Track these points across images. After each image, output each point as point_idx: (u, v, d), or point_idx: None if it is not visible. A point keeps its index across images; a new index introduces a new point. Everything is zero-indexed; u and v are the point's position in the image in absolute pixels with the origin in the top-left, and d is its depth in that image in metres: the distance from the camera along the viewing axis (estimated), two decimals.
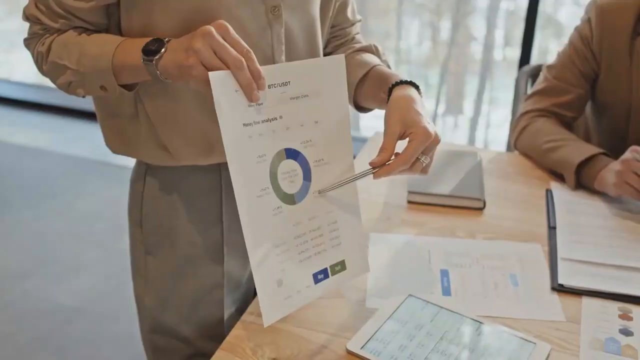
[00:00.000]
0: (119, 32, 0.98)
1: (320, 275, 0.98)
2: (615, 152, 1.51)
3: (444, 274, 1.20)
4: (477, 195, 1.44)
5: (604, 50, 1.62)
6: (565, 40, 1.73)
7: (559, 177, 1.58)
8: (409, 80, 1.02)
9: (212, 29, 0.83)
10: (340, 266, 1.01)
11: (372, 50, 1.19)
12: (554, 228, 1.35)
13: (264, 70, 0.85)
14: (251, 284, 1.19)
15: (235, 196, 0.86)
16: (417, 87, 1.03)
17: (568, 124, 1.69)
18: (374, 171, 0.93)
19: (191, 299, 1.12)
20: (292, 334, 1.03)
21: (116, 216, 2.98)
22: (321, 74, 0.93)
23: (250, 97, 0.84)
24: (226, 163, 1.02)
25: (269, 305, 0.92)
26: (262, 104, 0.87)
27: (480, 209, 1.43)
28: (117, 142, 1.06)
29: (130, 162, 1.13)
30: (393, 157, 0.92)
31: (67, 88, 0.99)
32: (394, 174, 0.93)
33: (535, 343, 1.02)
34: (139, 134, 1.02)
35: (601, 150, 1.51)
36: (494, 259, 1.25)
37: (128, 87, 0.97)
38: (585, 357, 1.02)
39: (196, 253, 1.09)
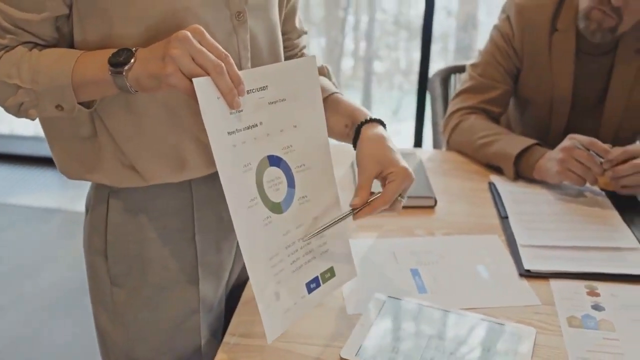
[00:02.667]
0: (70, 47, 0.91)
1: (313, 284, 0.95)
2: None
3: (415, 272, 1.20)
4: (428, 193, 1.45)
5: (525, 46, 1.69)
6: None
7: (496, 170, 1.62)
8: (375, 117, 1.03)
9: (189, 34, 0.79)
10: (330, 273, 0.98)
11: (324, 72, 1.17)
12: (506, 218, 1.39)
13: (241, 75, 0.82)
14: (223, 306, 1.13)
15: (229, 209, 0.82)
16: (383, 124, 1.03)
17: (496, 119, 1.76)
18: (355, 212, 0.93)
19: (166, 330, 1.04)
20: (281, 350, 0.99)
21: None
22: (295, 76, 0.91)
23: (232, 104, 0.81)
24: (197, 179, 0.98)
25: (271, 321, 0.88)
26: (242, 110, 0.84)
27: (432, 207, 1.45)
28: (74, 167, 0.98)
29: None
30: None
31: (18, 110, 0.90)
32: (375, 213, 0.93)
33: (518, 328, 1.04)
34: (101, 154, 0.95)
35: (535, 141, 1.57)
36: (458, 253, 1.27)
37: (85, 105, 0.90)
38: (568, 336, 1.04)
39: (170, 278, 1.02)
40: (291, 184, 0.91)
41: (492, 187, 1.53)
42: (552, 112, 1.73)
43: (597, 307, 1.12)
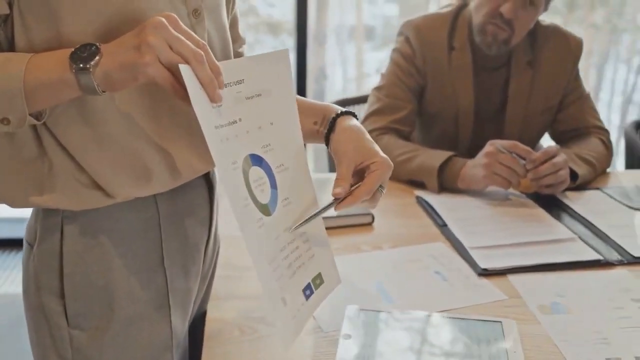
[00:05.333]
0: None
1: (308, 291, 0.89)
2: None
3: (378, 284, 1.16)
4: (364, 211, 1.43)
5: (427, 64, 1.74)
6: None
7: (418, 185, 1.63)
8: (348, 110, 0.99)
9: (164, 20, 0.71)
10: (319, 279, 0.92)
11: None
12: (445, 226, 1.39)
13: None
14: (187, 342, 1.01)
15: (230, 206, 0.75)
16: (355, 116, 1.00)
17: (406, 138, 1.78)
18: (338, 203, 0.88)
19: None
20: None
21: None
22: (269, 70, 0.85)
23: (213, 97, 0.74)
24: (162, 194, 0.89)
25: (284, 327, 0.82)
26: (221, 105, 0.77)
27: (370, 224, 1.42)
28: (18, 193, 0.84)
29: None
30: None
31: None
32: (357, 203, 0.89)
33: (501, 322, 1.02)
34: (52, 175, 0.82)
35: (453, 153, 1.60)
36: (411, 262, 1.25)
37: (34, 117, 0.78)
38: (545, 322, 1.05)
39: (139, 311, 0.89)
40: (273, 184, 0.84)
41: (421, 200, 1.53)
42: (458, 126, 1.78)
43: (560, 294, 1.14)
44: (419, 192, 1.59)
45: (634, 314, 1.08)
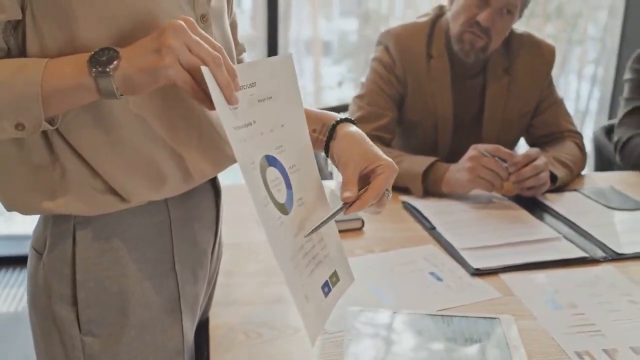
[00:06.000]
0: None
1: (326, 288, 0.90)
2: None
3: (374, 286, 1.18)
4: (354, 216, 1.45)
5: (407, 72, 1.78)
6: None
7: (401, 191, 1.66)
8: (347, 117, 1.00)
9: (183, 24, 0.73)
10: (335, 277, 0.94)
11: None
12: (434, 229, 1.42)
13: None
14: (194, 349, 1.02)
15: (254, 206, 0.77)
16: (355, 123, 1.01)
17: (388, 145, 1.81)
18: (348, 207, 0.89)
19: None
20: None
21: None
22: (277, 74, 0.87)
23: (230, 99, 0.75)
24: (173, 198, 0.89)
25: (310, 322, 0.84)
26: (237, 107, 0.78)
27: (360, 228, 1.44)
28: (31, 199, 0.83)
29: None
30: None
31: None
32: (365, 207, 0.90)
33: (499, 318, 1.05)
34: (65, 181, 0.82)
35: (436, 158, 1.64)
36: (405, 265, 1.27)
37: (48, 122, 0.78)
38: (541, 317, 1.09)
39: (152, 316, 0.89)
40: (288, 185, 0.86)
41: (408, 205, 1.56)
42: (438, 132, 1.82)
43: (552, 290, 1.17)
44: (405, 198, 1.62)
45: (623, 307, 1.12)
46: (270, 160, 0.83)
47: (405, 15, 3.24)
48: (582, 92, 3.62)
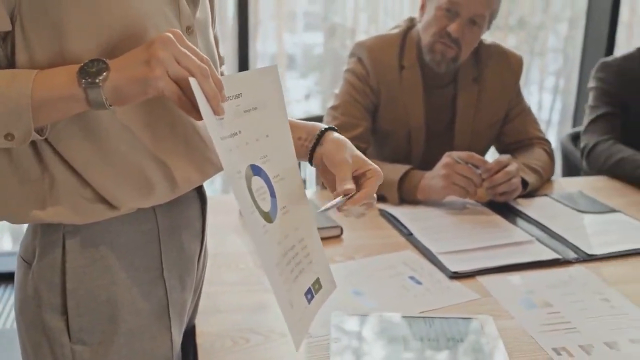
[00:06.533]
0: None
1: (309, 295, 0.92)
2: None
3: (356, 291, 1.20)
4: (333, 223, 1.47)
5: (381, 83, 1.82)
6: None
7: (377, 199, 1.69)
8: (331, 126, 1.03)
9: (171, 36, 0.75)
10: (318, 284, 0.96)
11: None
12: (411, 234, 1.46)
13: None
14: (180, 352, 1.03)
15: (242, 213, 0.81)
16: (338, 132, 1.04)
17: (364, 154, 1.83)
18: (346, 199, 0.92)
19: None
20: None
21: None
22: (262, 85, 0.89)
23: (217, 110, 0.78)
24: (161, 206, 0.91)
25: (295, 328, 0.86)
26: (222, 118, 0.81)
27: (339, 236, 1.47)
28: (19, 209, 0.84)
29: None
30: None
31: None
32: (361, 203, 0.93)
33: (478, 318, 1.09)
34: (54, 190, 0.83)
35: (411, 166, 1.68)
36: (385, 270, 1.30)
37: (37, 133, 0.79)
38: (518, 316, 1.12)
39: (141, 323, 0.90)
40: (272, 193, 0.88)
41: (385, 213, 1.59)
42: (411, 141, 1.86)
43: (528, 291, 1.21)
44: (381, 206, 1.65)
45: (596, 305, 1.16)
46: (255, 170, 0.86)
47: (369, 30, 3.29)
48: (544, 102, 3.71)
